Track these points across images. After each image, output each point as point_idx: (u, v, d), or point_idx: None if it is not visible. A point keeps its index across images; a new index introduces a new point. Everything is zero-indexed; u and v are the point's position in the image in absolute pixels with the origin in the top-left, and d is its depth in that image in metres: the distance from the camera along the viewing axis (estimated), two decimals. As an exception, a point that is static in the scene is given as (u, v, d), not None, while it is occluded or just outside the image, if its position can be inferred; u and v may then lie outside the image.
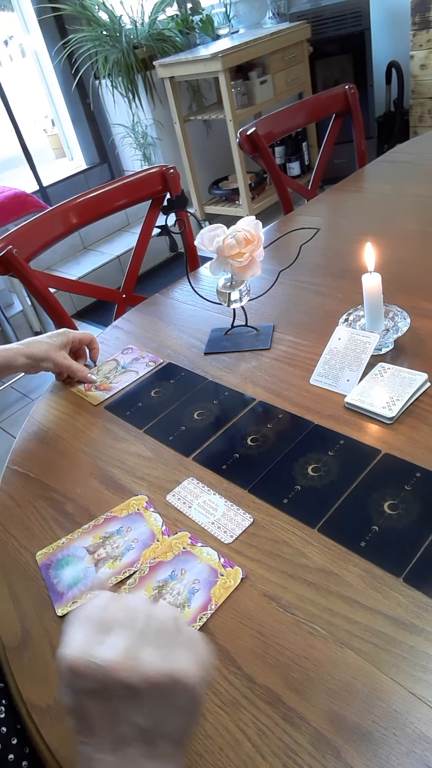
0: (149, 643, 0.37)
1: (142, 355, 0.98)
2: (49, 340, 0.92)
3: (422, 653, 0.48)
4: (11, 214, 2.19)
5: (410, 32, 2.97)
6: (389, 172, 1.53)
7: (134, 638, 0.37)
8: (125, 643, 0.36)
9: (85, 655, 0.36)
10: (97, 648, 0.36)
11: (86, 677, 0.35)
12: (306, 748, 0.44)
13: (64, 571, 0.63)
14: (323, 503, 0.63)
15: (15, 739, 0.50)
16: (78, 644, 0.36)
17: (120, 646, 0.36)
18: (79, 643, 0.37)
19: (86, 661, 0.35)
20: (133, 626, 0.38)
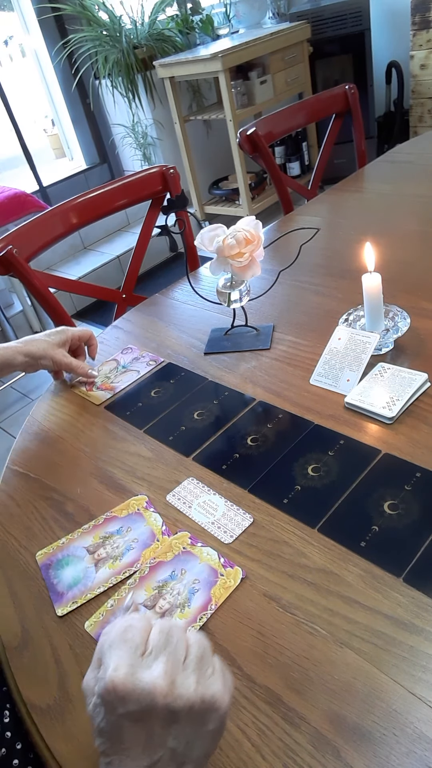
0: (189, 669, 0.38)
1: (142, 355, 0.98)
2: (47, 338, 0.91)
3: (422, 653, 0.48)
4: (11, 214, 2.19)
5: (410, 32, 2.96)
6: (389, 172, 1.53)
7: (176, 663, 0.38)
8: (168, 668, 0.37)
9: (132, 678, 0.36)
10: (142, 672, 0.37)
11: (131, 700, 0.36)
12: (306, 748, 0.44)
13: (64, 571, 0.63)
14: (323, 503, 0.63)
15: (19, 744, 0.50)
16: (124, 667, 0.37)
17: (164, 670, 0.37)
18: (125, 665, 0.37)
19: (132, 684, 0.36)
20: (173, 651, 0.39)
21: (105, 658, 0.38)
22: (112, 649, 0.38)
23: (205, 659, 0.40)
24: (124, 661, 0.37)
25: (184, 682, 0.37)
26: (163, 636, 0.39)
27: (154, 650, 0.38)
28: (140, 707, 0.36)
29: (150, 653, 0.38)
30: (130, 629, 0.39)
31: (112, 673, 0.37)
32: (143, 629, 0.40)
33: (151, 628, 0.40)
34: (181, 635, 0.40)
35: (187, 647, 0.40)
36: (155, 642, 0.39)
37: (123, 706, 0.36)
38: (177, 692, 0.37)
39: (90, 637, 0.56)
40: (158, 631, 0.40)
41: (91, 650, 0.54)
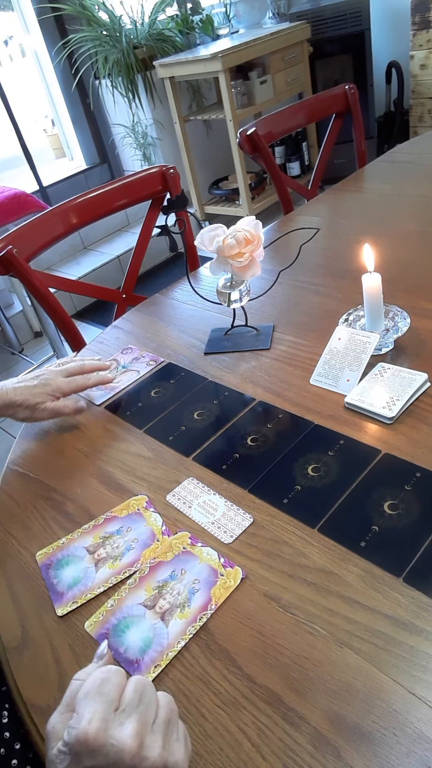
0: (156, 732, 0.39)
1: (142, 355, 0.98)
2: (26, 390, 0.79)
3: (422, 653, 0.48)
4: (11, 214, 2.18)
5: (410, 32, 2.96)
6: (389, 172, 1.53)
7: (146, 724, 0.39)
8: (139, 728, 0.38)
9: (105, 733, 0.37)
10: (114, 728, 0.38)
11: (100, 754, 0.37)
12: (306, 748, 0.44)
13: (64, 571, 0.63)
14: (323, 503, 0.63)
15: (18, 743, 0.50)
16: (98, 721, 0.38)
17: (135, 730, 0.38)
18: (99, 719, 0.38)
19: (104, 739, 0.37)
20: (144, 711, 0.39)
21: (79, 708, 0.39)
22: (88, 699, 0.39)
23: (171, 723, 0.41)
24: (98, 714, 0.38)
25: (151, 744, 0.38)
26: (137, 695, 0.40)
27: (127, 708, 0.39)
28: (107, 762, 0.37)
29: (123, 710, 0.39)
30: (106, 683, 0.40)
31: (86, 725, 0.37)
32: (118, 684, 0.40)
33: (125, 684, 0.41)
34: (152, 696, 0.41)
35: (156, 708, 0.40)
36: (129, 699, 0.39)
37: (91, 759, 0.37)
38: (144, 753, 0.37)
39: (90, 637, 0.56)
40: (132, 689, 0.40)
41: (91, 650, 0.54)
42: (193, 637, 0.53)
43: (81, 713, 0.38)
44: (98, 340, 1.07)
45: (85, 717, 0.38)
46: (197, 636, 0.53)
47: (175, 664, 0.52)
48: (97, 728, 0.37)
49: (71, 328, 1.21)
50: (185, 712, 0.48)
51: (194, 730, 0.47)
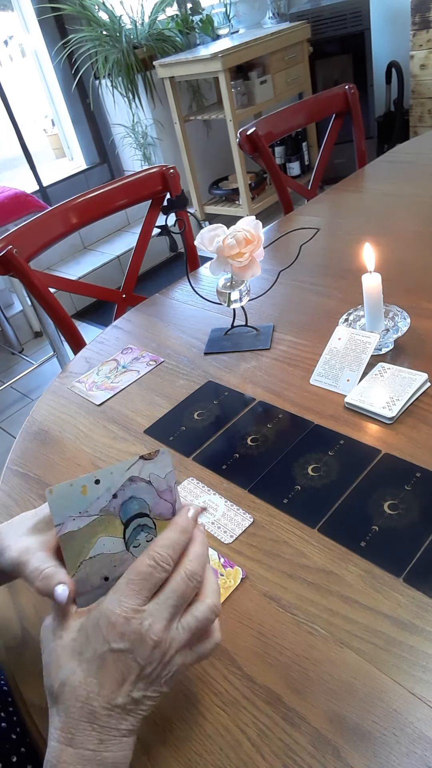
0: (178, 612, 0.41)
1: (142, 355, 0.98)
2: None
3: (422, 653, 0.48)
4: (11, 214, 2.18)
5: (410, 32, 2.97)
6: (389, 172, 1.53)
7: (176, 614, 0.40)
8: (170, 618, 0.40)
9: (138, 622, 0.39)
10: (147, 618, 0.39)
11: (126, 639, 0.38)
12: (306, 748, 0.44)
13: (64, 571, 0.63)
14: (323, 503, 0.63)
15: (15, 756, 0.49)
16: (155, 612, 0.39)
17: (167, 621, 0.39)
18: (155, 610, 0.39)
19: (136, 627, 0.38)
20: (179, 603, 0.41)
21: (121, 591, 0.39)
22: (131, 583, 0.40)
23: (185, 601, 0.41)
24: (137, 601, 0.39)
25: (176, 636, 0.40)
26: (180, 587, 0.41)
27: (165, 597, 0.40)
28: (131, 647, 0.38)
29: (160, 599, 0.40)
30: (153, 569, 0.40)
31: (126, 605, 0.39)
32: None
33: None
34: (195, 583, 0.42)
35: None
36: (170, 589, 0.40)
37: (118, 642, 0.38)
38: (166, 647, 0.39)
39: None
40: (182, 581, 0.41)
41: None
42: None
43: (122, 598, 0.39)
44: (98, 340, 1.07)
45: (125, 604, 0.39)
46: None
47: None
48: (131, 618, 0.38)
49: (71, 328, 1.21)
50: (185, 713, 0.48)
51: (194, 730, 0.47)
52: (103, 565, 0.42)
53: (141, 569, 0.40)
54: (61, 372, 1.01)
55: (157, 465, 0.42)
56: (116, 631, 0.38)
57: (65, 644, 0.40)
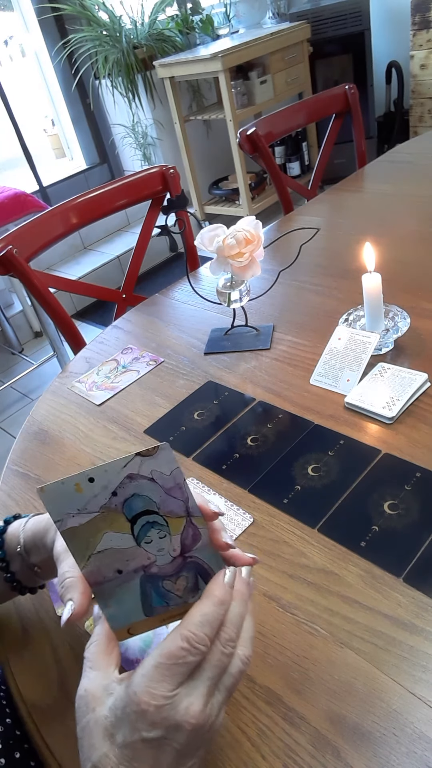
0: (222, 692, 0.37)
1: (142, 355, 0.98)
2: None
3: (422, 653, 0.48)
4: (11, 214, 2.19)
5: (410, 32, 2.97)
6: (389, 172, 1.53)
7: (213, 690, 0.36)
8: (207, 697, 0.36)
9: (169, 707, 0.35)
10: (182, 700, 0.35)
11: (159, 727, 0.34)
12: (306, 748, 0.44)
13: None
14: (323, 503, 0.63)
15: (18, 753, 0.49)
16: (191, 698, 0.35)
17: (204, 701, 0.35)
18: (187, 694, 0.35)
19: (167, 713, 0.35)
20: (217, 675, 0.37)
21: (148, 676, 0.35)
22: (158, 668, 0.35)
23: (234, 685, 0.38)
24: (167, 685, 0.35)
25: (213, 712, 0.36)
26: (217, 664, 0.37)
27: (201, 673, 0.36)
28: (168, 732, 0.35)
29: (194, 677, 0.36)
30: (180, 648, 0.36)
31: (155, 691, 0.35)
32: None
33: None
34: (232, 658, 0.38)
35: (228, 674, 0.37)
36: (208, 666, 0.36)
37: (154, 726, 0.34)
38: (213, 723, 0.36)
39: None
40: (217, 659, 0.37)
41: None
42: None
43: (152, 685, 0.35)
44: (98, 340, 1.07)
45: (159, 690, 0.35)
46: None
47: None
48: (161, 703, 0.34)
49: (71, 328, 1.21)
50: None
51: (194, 730, 0.47)
52: (115, 559, 0.40)
53: (173, 651, 0.35)
54: (61, 372, 1.01)
55: (159, 461, 0.39)
56: (147, 720, 0.34)
57: (98, 720, 0.36)
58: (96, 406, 0.89)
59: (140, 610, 0.41)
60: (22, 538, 0.51)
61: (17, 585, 0.52)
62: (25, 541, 0.50)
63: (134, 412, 0.85)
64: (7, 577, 0.51)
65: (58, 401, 0.92)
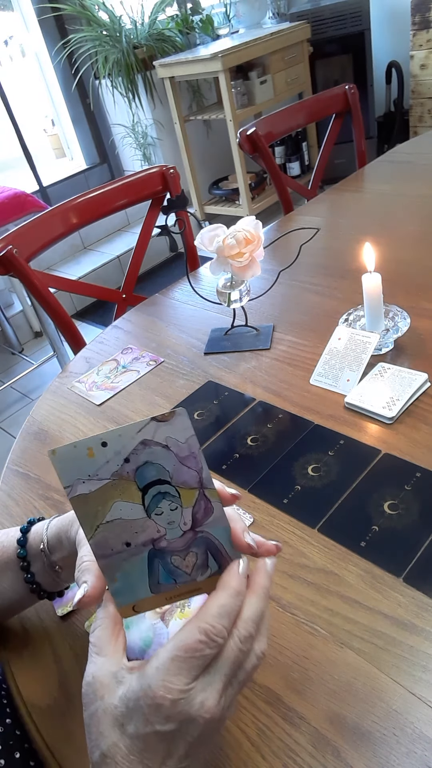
0: (235, 686, 0.36)
1: (142, 355, 0.98)
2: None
3: (422, 653, 0.48)
4: (11, 214, 2.19)
5: (410, 32, 2.97)
6: (389, 172, 1.53)
7: (228, 685, 0.36)
8: (222, 691, 0.35)
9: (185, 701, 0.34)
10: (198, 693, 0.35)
11: (173, 720, 0.34)
12: (306, 748, 0.44)
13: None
14: (323, 503, 0.63)
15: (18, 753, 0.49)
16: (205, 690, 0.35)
17: (219, 693, 0.35)
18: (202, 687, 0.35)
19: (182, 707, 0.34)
20: (233, 673, 0.36)
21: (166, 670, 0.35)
22: (174, 661, 0.35)
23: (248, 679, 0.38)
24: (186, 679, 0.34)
25: (227, 705, 0.36)
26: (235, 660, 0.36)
27: (217, 668, 0.36)
28: (182, 724, 0.35)
29: (209, 671, 0.36)
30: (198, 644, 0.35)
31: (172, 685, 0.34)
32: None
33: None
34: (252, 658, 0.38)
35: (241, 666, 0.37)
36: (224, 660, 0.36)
37: (168, 719, 0.34)
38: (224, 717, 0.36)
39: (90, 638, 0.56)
40: (234, 653, 0.36)
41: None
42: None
43: (169, 678, 0.35)
44: (98, 340, 1.07)
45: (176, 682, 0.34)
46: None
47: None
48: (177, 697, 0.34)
49: (71, 328, 1.21)
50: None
51: (194, 730, 0.47)
52: (123, 530, 0.39)
53: (189, 644, 0.35)
54: (61, 372, 1.01)
55: (174, 427, 0.37)
56: (162, 713, 0.34)
57: (107, 708, 0.36)
58: (96, 406, 0.89)
59: (146, 587, 0.40)
60: (46, 535, 0.51)
61: (37, 587, 0.52)
62: (49, 538, 0.50)
63: (134, 412, 0.85)
64: (27, 577, 0.51)
65: (58, 401, 0.92)
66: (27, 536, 0.52)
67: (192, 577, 0.40)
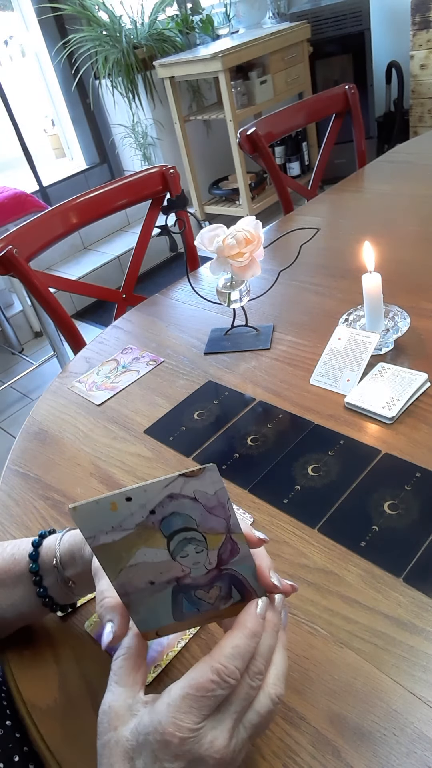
0: (247, 727, 0.36)
1: (142, 355, 0.98)
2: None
3: (422, 653, 0.48)
4: (11, 214, 2.19)
5: (410, 32, 2.97)
6: (389, 172, 1.53)
7: (239, 722, 0.36)
8: (232, 730, 0.35)
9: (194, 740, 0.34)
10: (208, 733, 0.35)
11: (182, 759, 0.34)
12: (306, 748, 0.44)
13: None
14: (323, 503, 0.63)
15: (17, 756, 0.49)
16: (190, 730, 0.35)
17: (229, 733, 0.35)
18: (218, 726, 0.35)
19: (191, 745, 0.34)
20: (242, 709, 0.36)
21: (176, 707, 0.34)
22: (189, 700, 0.34)
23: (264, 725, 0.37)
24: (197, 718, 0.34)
25: (238, 748, 0.36)
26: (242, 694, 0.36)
27: (227, 706, 0.36)
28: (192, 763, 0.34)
29: (220, 710, 0.35)
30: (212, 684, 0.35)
31: (183, 722, 0.34)
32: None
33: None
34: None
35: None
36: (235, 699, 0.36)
37: (178, 757, 0.34)
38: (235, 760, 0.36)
39: (90, 637, 0.56)
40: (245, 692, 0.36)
41: (92, 650, 0.54)
42: (193, 637, 0.53)
43: (179, 716, 0.34)
44: (98, 340, 1.07)
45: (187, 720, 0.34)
46: (197, 636, 0.53)
47: (175, 664, 0.52)
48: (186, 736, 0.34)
49: (71, 328, 1.21)
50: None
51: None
52: (147, 571, 0.39)
53: (202, 683, 0.34)
54: (61, 372, 1.01)
55: (203, 482, 0.37)
56: (170, 751, 0.34)
57: (119, 740, 0.36)
58: (96, 406, 0.89)
59: (170, 616, 0.40)
60: (59, 551, 0.50)
61: (49, 601, 0.51)
62: (61, 554, 0.50)
63: (134, 412, 0.85)
64: (39, 591, 0.51)
65: (58, 401, 0.92)
66: (39, 550, 0.51)
67: (215, 606, 0.40)
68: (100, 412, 0.87)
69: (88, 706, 0.50)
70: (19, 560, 0.52)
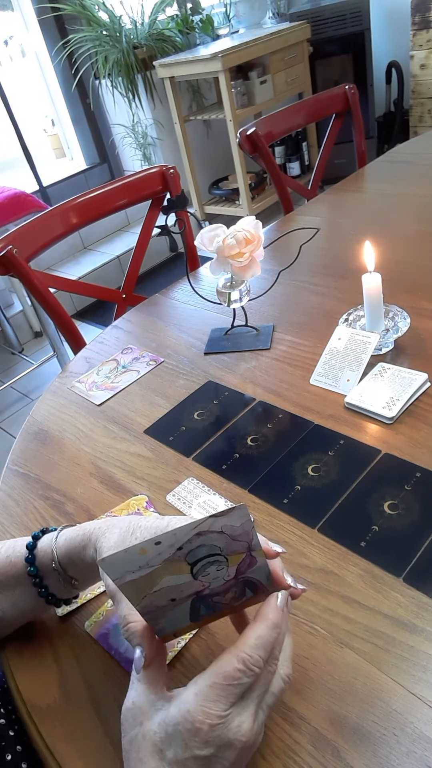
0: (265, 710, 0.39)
1: (142, 355, 0.98)
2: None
3: (422, 653, 0.48)
4: (11, 214, 2.18)
5: (410, 32, 2.97)
6: (389, 172, 1.53)
7: (260, 706, 0.38)
8: (255, 715, 0.38)
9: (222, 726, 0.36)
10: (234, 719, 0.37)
11: (211, 745, 0.36)
12: (306, 748, 0.44)
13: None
14: (323, 503, 0.63)
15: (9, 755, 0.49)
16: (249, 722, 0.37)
17: (252, 719, 0.37)
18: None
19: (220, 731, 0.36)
20: (262, 695, 0.38)
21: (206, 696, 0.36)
22: (216, 688, 0.37)
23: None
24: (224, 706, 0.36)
25: (259, 730, 0.38)
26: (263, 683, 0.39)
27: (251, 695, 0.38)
28: (219, 750, 0.36)
29: (245, 698, 0.38)
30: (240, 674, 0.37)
31: (212, 711, 0.36)
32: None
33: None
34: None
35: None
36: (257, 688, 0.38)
37: (206, 745, 0.36)
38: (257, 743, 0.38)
39: (90, 637, 0.56)
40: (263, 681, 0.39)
41: (92, 650, 0.54)
42: (193, 637, 0.53)
43: (208, 705, 0.36)
44: (98, 340, 1.07)
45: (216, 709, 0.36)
46: (197, 636, 0.53)
47: (175, 664, 0.52)
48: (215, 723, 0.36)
49: (71, 328, 1.21)
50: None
51: (194, 730, 0.47)
52: (169, 592, 0.40)
53: (228, 672, 0.37)
54: (61, 372, 1.01)
55: (232, 518, 0.38)
56: (200, 738, 0.35)
57: (146, 734, 0.37)
58: (96, 406, 0.89)
59: (187, 619, 0.42)
60: (56, 555, 0.50)
61: (52, 598, 0.52)
62: (59, 557, 0.50)
63: (134, 412, 0.85)
64: (41, 591, 0.51)
65: (58, 401, 0.92)
66: (35, 553, 0.51)
67: (229, 605, 0.43)
68: (100, 412, 0.87)
69: (87, 705, 0.50)
70: (15, 562, 0.52)
